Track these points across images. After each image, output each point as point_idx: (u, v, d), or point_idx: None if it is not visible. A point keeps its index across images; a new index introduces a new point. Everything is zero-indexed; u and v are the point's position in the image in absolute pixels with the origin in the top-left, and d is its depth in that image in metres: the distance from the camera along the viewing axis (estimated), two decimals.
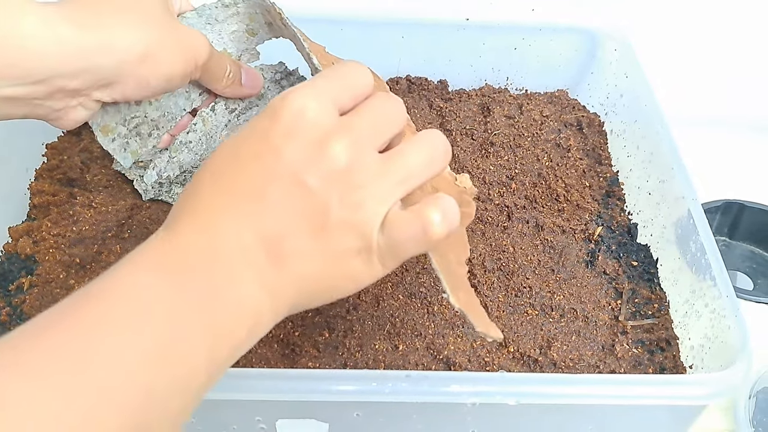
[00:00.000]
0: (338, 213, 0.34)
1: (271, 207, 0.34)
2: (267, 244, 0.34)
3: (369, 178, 0.35)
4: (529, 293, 0.56)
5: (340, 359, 0.51)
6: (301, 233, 0.34)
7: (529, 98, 0.74)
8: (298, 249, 0.34)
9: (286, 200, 0.34)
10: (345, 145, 0.35)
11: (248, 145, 0.35)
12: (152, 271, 0.32)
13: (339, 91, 0.36)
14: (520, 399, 0.42)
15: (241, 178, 0.35)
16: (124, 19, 0.45)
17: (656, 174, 0.60)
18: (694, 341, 0.51)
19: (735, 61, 0.81)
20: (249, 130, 0.36)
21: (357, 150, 0.35)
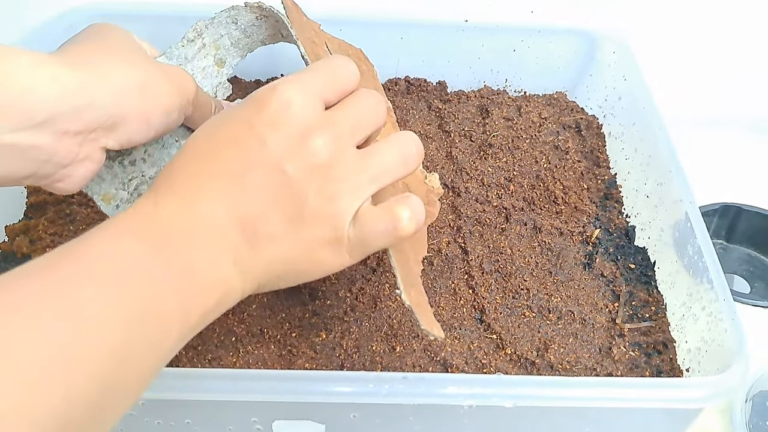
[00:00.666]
0: (314, 204, 0.37)
1: (250, 191, 0.36)
2: (243, 225, 0.36)
3: (346, 173, 0.37)
4: (526, 295, 0.56)
5: (337, 360, 0.51)
6: (276, 219, 0.37)
7: (528, 100, 0.74)
8: (272, 233, 0.37)
9: (266, 186, 0.36)
10: (327, 140, 0.37)
11: (230, 130, 0.37)
12: (134, 237, 0.34)
13: (325, 86, 0.38)
14: (516, 401, 0.42)
15: (223, 160, 0.37)
16: (114, 60, 0.44)
17: (654, 177, 0.61)
18: (691, 344, 0.51)
19: (733, 64, 0.81)
20: (231, 115, 0.38)
21: (337, 145, 0.37)
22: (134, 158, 0.53)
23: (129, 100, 0.44)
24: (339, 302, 0.54)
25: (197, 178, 0.37)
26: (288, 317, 0.53)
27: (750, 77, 0.82)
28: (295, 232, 0.37)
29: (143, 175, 0.55)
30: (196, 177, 0.37)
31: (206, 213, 0.36)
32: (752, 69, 0.82)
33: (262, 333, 0.52)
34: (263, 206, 0.36)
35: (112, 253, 0.33)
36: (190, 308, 0.34)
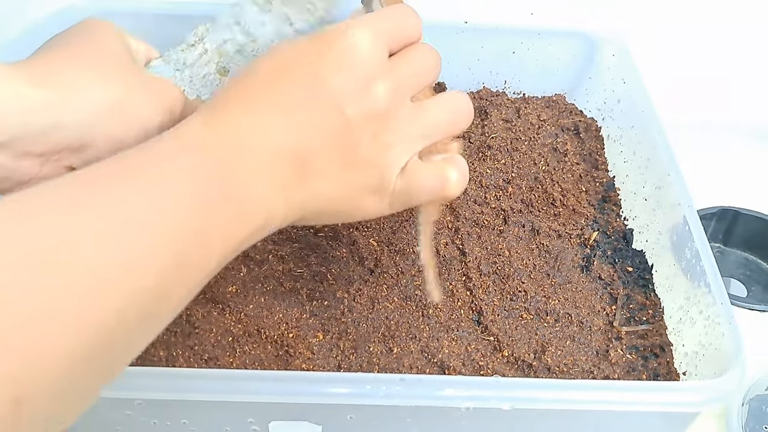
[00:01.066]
0: (366, 150, 0.37)
1: (307, 127, 0.36)
2: (294, 157, 0.36)
3: (401, 124, 0.38)
4: (524, 297, 0.56)
5: (334, 361, 0.51)
6: (328, 158, 0.37)
7: (527, 102, 0.74)
8: (322, 171, 0.37)
9: (322, 125, 0.36)
10: (388, 88, 0.37)
11: (297, 63, 0.37)
12: (190, 150, 0.34)
13: (392, 34, 0.39)
14: (514, 404, 0.42)
15: (282, 93, 0.36)
16: (90, 74, 0.41)
17: (652, 180, 0.61)
18: (688, 348, 0.51)
19: (732, 69, 0.81)
20: (300, 48, 0.37)
21: (397, 95, 0.38)
22: None
23: (101, 123, 0.41)
24: (336, 303, 0.54)
25: (254, 107, 0.36)
26: (285, 318, 0.53)
27: (748, 82, 0.82)
28: (344, 174, 0.37)
29: None
30: (254, 106, 0.36)
31: (259, 141, 0.35)
32: (751, 74, 0.82)
33: (259, 333, 0.52)
34: (317, 144, 0.36)
35: (171, 166, 0.32)
36: (232, 229, 0.34)
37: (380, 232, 0.59)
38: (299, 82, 0.37)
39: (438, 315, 0.54)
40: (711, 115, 0.83)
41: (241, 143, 0.35)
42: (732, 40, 0.80)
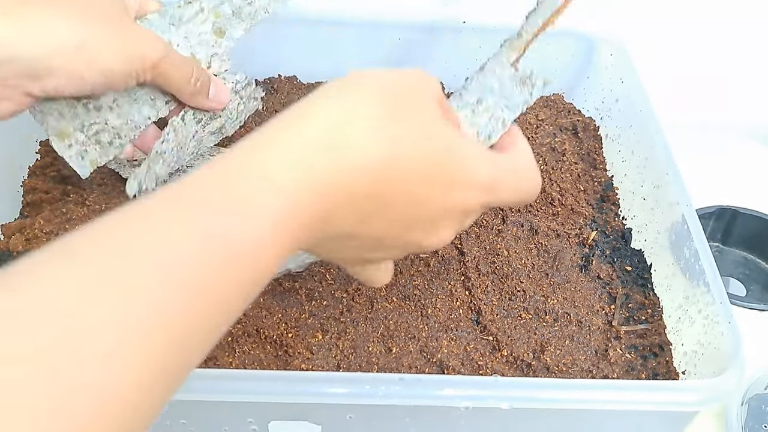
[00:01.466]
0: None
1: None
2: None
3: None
4: (522, 297, 0.56)
5: (333, 361, 0.51)
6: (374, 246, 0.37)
7: None
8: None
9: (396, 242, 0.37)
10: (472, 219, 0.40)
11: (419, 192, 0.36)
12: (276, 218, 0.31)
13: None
14: (513, 403, 0.42)
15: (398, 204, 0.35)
16: (55, 13, 0.43)
17: (651, 179, 0.61)
18: (687, 347, 0.51)
19: (730, 68, 0.81)
20: (432, 184, 0.36)
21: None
22: (100, 104, 0.52)
23: (59, 58, 0.43)
24: (335, 303, 0.54)
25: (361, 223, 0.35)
26: (284, 318, 0.53)
27: (746, 81, 0.82)
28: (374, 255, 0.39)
29: (106, 124, 0.53)
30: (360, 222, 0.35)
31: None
32: (749, 73, 0.82)
33: (259, 333, 0.51)
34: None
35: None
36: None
37: None
38: (417, 205, 0.36)
39: (437, 315, 0.54)
40: (709, 115, 0.83)
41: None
42: (730, 40, 0.80)
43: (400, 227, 0.35)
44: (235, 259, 0.29)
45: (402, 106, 0.34)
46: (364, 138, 0.32)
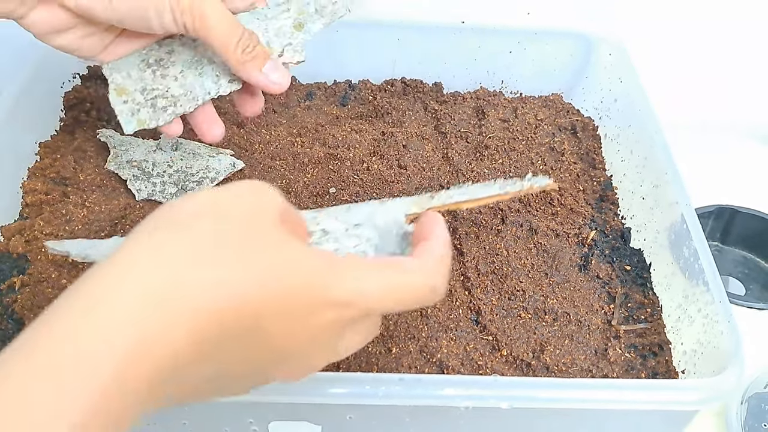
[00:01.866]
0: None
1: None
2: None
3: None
4: (522, 297, 0.56)
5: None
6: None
7: (524, 102, 0.74)
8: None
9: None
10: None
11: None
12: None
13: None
14: (513, 403, 0.42)
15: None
16: None
17: (650, 179, 0.61)
18: (687, 346, 0.51)
19: (729, 67, 0.82)
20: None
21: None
22: (167, 73, 0.54)
23: None
24: None
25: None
26: None
27: (746, 81, 0.82)
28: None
29: (167, 91, 0.54)
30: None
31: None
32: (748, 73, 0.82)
33: None
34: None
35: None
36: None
37: None
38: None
39: (436, 315, 0.54)
40: (708, 114, 0.83)
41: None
42: (729, 40, 0.80)
43: (257, 366, 0.32)
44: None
45: (237, 237, 0.31)
46: (198, 286, 0.29)
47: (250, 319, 0.30)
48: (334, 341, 0.34)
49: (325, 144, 0.67)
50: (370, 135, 0.69)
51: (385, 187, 0.63)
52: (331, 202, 0.61)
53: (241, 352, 0.31)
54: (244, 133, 0.68)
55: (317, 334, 0.32)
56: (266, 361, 0.32)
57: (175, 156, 0.62)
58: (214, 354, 0.30)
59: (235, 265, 0.30)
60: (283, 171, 0.64)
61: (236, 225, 0.31)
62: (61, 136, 0.66)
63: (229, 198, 0.33)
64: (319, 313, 0.32)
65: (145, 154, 0.62)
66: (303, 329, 0.32)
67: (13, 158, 0.62)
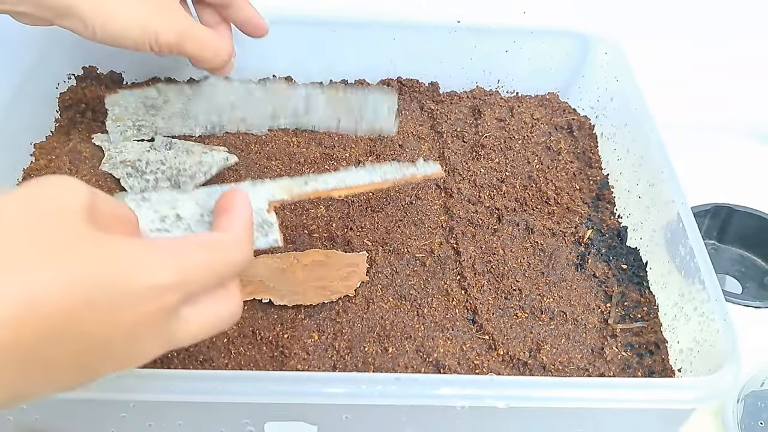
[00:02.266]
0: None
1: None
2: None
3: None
4: (518, 296, 0.56)
5: (329, 361, 0.50)
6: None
7: (520, 101, 0.74)
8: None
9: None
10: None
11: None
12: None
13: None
14: (509, 402, 0.42)
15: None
16: None
17: (646, 177, 0.61)
18: (683, 345, 0.51)
19: (725, 66, 0.82)
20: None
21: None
22: (158, 114, 0.64)
23: (84, 5, 0.49)
24: (331, 303, 0.54)
25: None
26: (280, 318, 0.53)
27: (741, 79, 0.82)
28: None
29: (152, 124, 0.65)
30: None
31: None
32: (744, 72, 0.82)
33: (254, 334, 0.51)
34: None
35: None
36: None
37: (374, 233, 0.59)
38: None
39: (433, 314, 0.54)
40: (704, 113, 0.83)
41: None
42: (725, 39, 0.80)
43: (83, 365, 0.32)
44: None
45: (31, 235, 0.30)
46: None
47: (58, 320, 0.29)
48: (167, 328, 0.33)
49: (321, 144, 0.67)
50: (367, 135, 0.69)
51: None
52: (327, 202, 0.61)
53: (56, 350, 0.30)
54: (240, 133, 0.68)
55: (139, 325, 0.32)
56: (88, 355, 0.31)
57: (169, 155, 0.62)
58: (28, 358, 0.29)
59: (22, 272, 0.29)
60: (280, 171, 0.64)
61: (27, 225, 0.30)
62: (56, 137, 0.66)
63: (22, 197, 0.32)
64: (137, 303, 0.31)
65: (139, 155, 0.62)
66: (121, 322, 0.31)
67: (8, 159, 0.62)
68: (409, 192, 0.63)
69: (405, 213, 0.61)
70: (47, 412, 0.45)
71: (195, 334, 0.35)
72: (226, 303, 0.36)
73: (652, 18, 0.79)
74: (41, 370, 0.30)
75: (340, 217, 0.60)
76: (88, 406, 0.44)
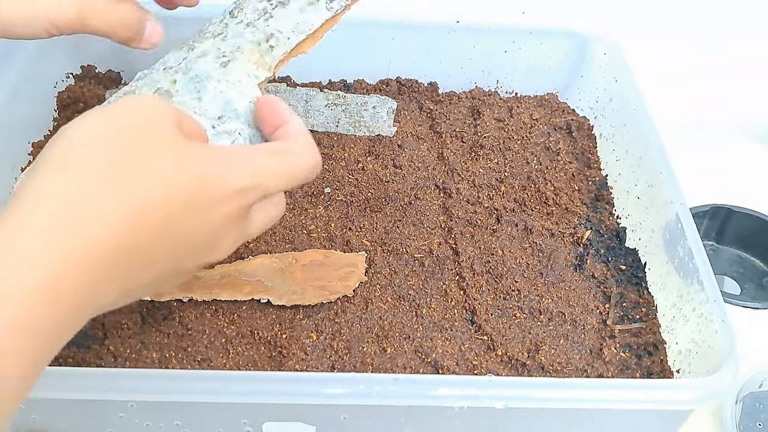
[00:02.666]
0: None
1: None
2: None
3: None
4: (517, 296, 0.56)
5: (327, 362, 0.50)
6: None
7: (519, 101, 0.74)
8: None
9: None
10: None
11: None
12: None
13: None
14: (507, 403, 0.42)
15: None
16: None
17: (645, 178, 0.61)
18: (682, 346, 0.51)
19: (724, 67, 0.82)
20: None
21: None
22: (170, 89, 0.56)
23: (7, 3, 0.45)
24: (330, 303, 0.54)
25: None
26: (278, 318, 0.53)
27: (741, 80, 0.82)
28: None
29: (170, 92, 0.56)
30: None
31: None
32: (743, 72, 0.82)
33: (253, 334, 0.51)
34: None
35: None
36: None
37: (373, 232, 0.59)
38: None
39: (431, 315, 0.54)
40: (703, 114, 0.83)
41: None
42: (724, 39, 0.80)
43: (177, 261, 0.36)
44: None
45: (135, 150, 0.33)
46: (102, 203, 0.32)
47: (161, 221, 0.33)
48: (243, 224, 0.38)
49: (320, 143, 0.67)
50: (366, 136, 0.69)
51: (380, 187, 0.63)
52: (326, 202, 0.61)
53: (159, 248, 0.34)
54: None
55: (224, 222, 0.36)
56: (182, 251, 0.35)
57: None
58: (138, 256, 0.33)
59: (132, 181, 0.33)
60: None
61: (131, 142, 0.34)
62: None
63: (121, 117, 0.35)
64: (223, 204, 0.36)
65: None
66: (210, 221, 0.35)
67: (6, 159, 0.61)
68: (408, 192, 0.63)
69: (404, 213, 0.61)
70: (45, 412, 0.45)
71: (260, 227, 0.40)
72: (280, 200, 0.41)
73: (651, 18, 0.79)
74: (147, 267, 0.34)
75: (339, 217, 0.60)
76: (86, 406, 0.44)
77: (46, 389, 0.41)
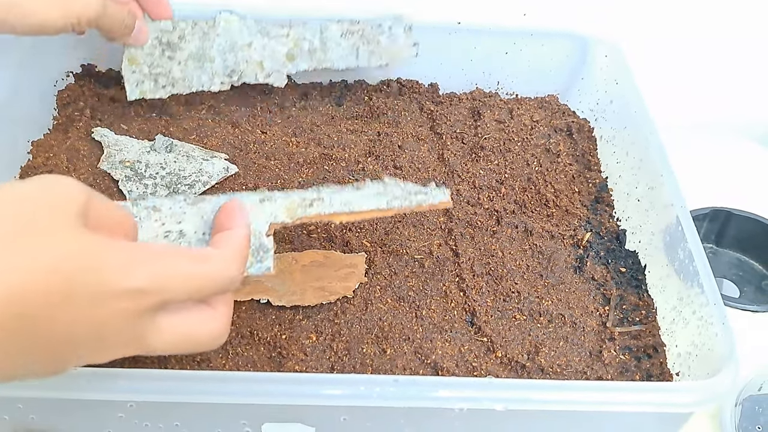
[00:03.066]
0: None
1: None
2: None
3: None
4: (517, 298, 0.56)
5: (327, 363, 0.50)
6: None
7: (520, 103, 0.74)
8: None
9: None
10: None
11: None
12: None
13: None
14: (507, 405, 0.42)
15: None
16: None
17: (645, 180, 0.61)
18: (681, 348, 0.51)
19: (725, 69, 0.82)
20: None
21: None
22: (174, 56, 0.64)
23: None
24: (330, 304, 0.54)
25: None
26: (278, 319, 0.52)
27: (741, 82, 0.83)
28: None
29: (169, 72, 0.65)
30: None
31: None
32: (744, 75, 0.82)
33: (252, 335, 0.51)
34: None
35: None
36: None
37: (373, 233, 0.59)
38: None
39: (431, 316, 0.54)
40: (703, 116, 0.83)
41: None
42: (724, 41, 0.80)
43: (53, 353, 0.34)
44: None
45: (28, 230, 0.32)
46: None
47: (38, 307, 0.31)
48: (139, 329, 0.35)
49: (321, 144, 0.67)
50: (366, 135, 0.69)
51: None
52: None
53: (33, 335, 0.32)
54: (238, 133, 0.67)
55: (111, 321, 0.34)
56: (60, 344, 0.33)
57: (169, 158, 0.62)
58: (7, 340, 0.31)
59: (13, 262, 0.31)
60: (278, 171, 0.64)
61: (25, 221, 0.32)
62: (54, 135, 0.66)
63: (26, 193, 0.34)
64: (113, 301, 0.33)
65: (138, 155, 0.62)
66: (94, 315, 0.33)
67: (5, 157, 0.61)
68: None
69: (404, 214, 0.61)
70: (44, 412, 0.45)
71: (168, 341, 0.36)
72: (207, 321, 0.38)
73: (651, 20, 0.79)
74: (18, 354, 0.32)
75: None
76: (85, 406, 0.44)
77: (45, 389, 0.41)
